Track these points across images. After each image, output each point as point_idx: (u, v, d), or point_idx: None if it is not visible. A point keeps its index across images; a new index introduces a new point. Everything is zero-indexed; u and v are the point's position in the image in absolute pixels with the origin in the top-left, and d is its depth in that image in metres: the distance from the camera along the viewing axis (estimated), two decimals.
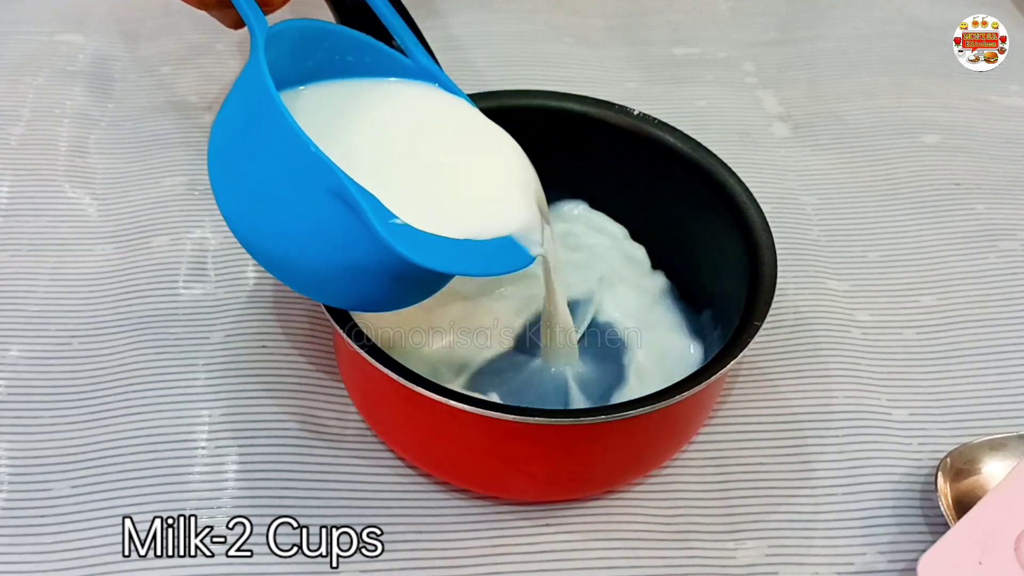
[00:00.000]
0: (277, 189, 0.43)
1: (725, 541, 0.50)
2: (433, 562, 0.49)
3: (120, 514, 0.49)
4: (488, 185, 0.48)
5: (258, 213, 0.45)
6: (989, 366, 0.58)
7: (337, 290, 0.46)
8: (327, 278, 0.45)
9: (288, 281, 0.47)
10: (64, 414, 0.53)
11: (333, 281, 0.45)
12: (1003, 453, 0.52)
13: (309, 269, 0.45)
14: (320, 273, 0.45)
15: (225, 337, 0.56)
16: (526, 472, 0.49)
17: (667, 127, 0.56)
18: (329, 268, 0.44)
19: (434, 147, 0.48)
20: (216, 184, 0.45)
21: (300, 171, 0.42)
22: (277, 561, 0.48)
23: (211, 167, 0.45)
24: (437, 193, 0.46)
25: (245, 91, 0.45)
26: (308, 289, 0.47)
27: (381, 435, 0.52)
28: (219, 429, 0.53)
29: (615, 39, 0.78)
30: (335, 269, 0.44)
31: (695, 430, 0.53)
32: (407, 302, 0.49)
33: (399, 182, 0.45)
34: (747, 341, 0.47)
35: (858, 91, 0.74)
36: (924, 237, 0.65)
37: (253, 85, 0.44)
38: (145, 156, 0.66)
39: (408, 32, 0.51)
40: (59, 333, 0.56)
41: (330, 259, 0.44)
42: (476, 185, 0.47)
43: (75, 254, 0.60)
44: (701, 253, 0.57)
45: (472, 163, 0.48)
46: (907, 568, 0.50)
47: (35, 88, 0.70)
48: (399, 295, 0.48)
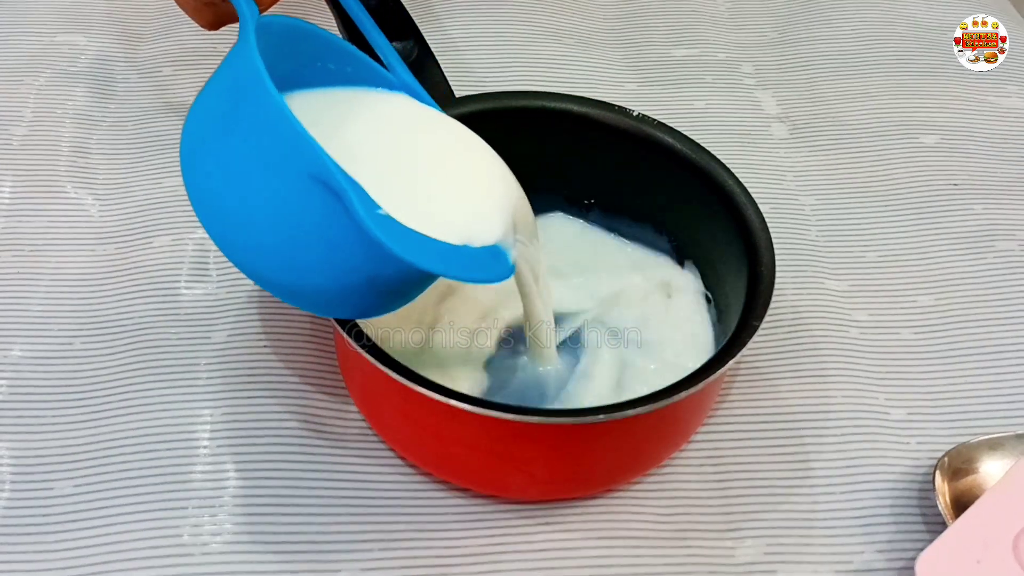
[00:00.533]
0: (254, 173, 0.42)
1: (724, 540, 0.50)
2: (433, 562, 0.49)
3: (121, 513, 0.49)
4: (467, 197, 0.47)
5: (232, 201, 0.42)
6: (987, 366, 0.58)
7: (306, 287, 0.44)
8: (299, 275, 0.43)
9: (261, 280, 0.45)
10: (66, 414, 0.53)
11: (303, 277, 0.43)
12: (1001, 452, 0.52)
13: (282, 265, 0.43)
14: (293, 269, 0.43)
15: (226, 337, 0.57)
16: (526, 472, 0.49)
17: (666, 128, 0.56)
18: (303, 264, 0.42)
19: (414, 158, 0.48)
20: (189, 173, 0.43)
21: (283, 153, 0.41)
22: (277, 561, 0.48)
23: (184, 155, 0.44)
24: (419, 198, 0.45)
25: (230, 72, 0.43)
26: (279, 287, 0.45)
27: (382, 435, 0.52)
28: (220, 429, 0.53)
29: (614, 40, 0.78)
30: (308, 264, 0.42)
31: (694, 429, 0.53)
32: (377, 308, 0.47)
33: (381, 184, 0.43)
34: (746, 341, 0.47)
35: (857, 92, 0.74)
36: (922, 237, 0.65)
37: (240, 64, 0.42)
38: (146, 157, 0.66)
39: (390, 48, 0.50)
40: (61, 333, 0.57)
41: (304, 252, 0.42)
42: (456, 195, 0.47)
43: (77, 254, 0.60)
44: (700, 253, 0.57)
45: (452, 175, 0.48)
46: (905, 567, 0.50)
47: (37, 89, 0.70)
48: (370, 299, 0.46)
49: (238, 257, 0.44)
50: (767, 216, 0.52)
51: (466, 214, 0.46)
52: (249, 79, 0.41)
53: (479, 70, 0.74)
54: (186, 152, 0.44)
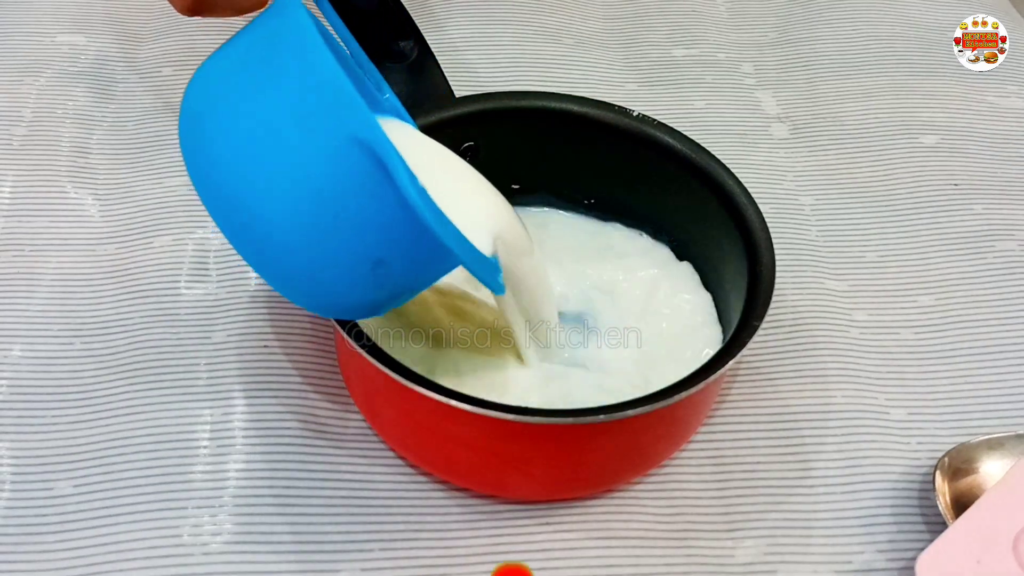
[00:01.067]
0: (286, 132, 0.39)
1: (724, 540, 0.50)
2: (433, 562, 0.49)
3: (121, 513, 0.49)
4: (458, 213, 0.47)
5: (248, 166, 0.40)
6: (987, 365, 0.58)
7: (307, 266, 0.41)
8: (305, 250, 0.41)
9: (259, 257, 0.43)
10: (66, 414, 0.53)
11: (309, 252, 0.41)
12: (1001, 452, 0.52)
13: (291, 238, 0.40)
14: (300, 243, 0.40)
15: (227, 337, 0.57)
16: (526, 472, 0.49)
17: (666, 128, 0.56)
18: (313, 236, 0.40)
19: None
20: (194, 139, 0.41)
21: (328, 112, 0.39)
22: (277, 561, 0.48)
23: (188, 120, 0.42)
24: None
25: (263, 30, 0.41)
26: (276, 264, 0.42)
27: (382, 434, 0.52)
28: (220, 428, 0.53)
29: (614, 41, 0.78)
30: (320, 236, 0.40)
31: (694, 429, 0.53)
32: (366, 306, 0.45)
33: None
34: (746, 341, 0.47)
35: (856, 92, 0.74)
36: (922, 237, 0.65)
37: (282, 20, 0.40)
38: (147, 156, 0.66)
39: (375, 71, 0.50)
40: (61, 333, 0.57)
41: (321, 222, 0.40)
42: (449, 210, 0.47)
43: (77, 254, 0.60)
44: (699, 253, 0.57)
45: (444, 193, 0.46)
46: (905, 567, 0.50)
47: (37, 89, 0.70)
48: (365, 290, 0.43)
49: (239, 232, 0.42)
50: (767, 216, 0.52)
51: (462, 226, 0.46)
52: (294, 33, 0.39)
53: (479, 70, 0.74)
54: (192, 116, 0.42)
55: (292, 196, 0.40)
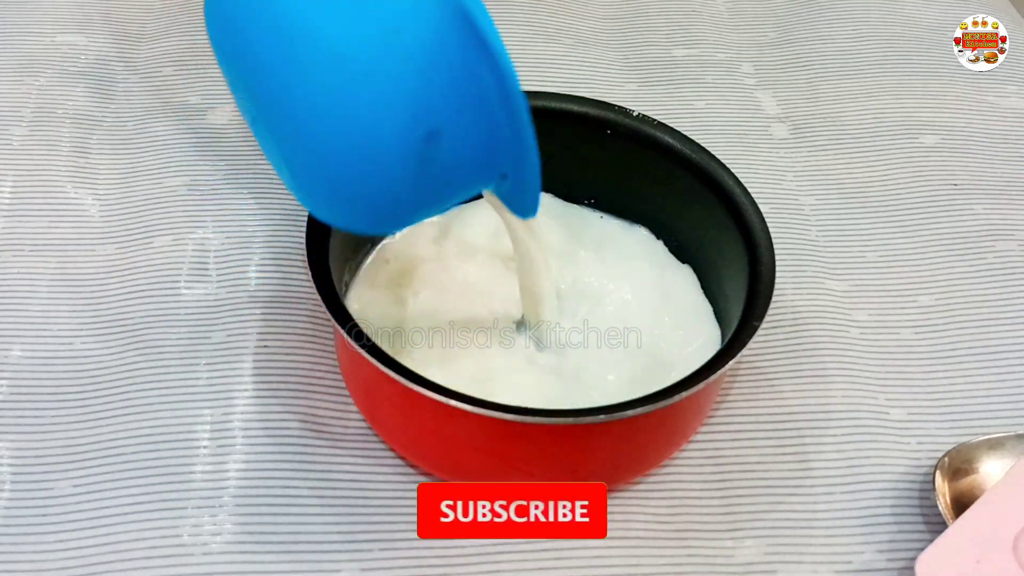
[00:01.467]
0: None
1: (724, 540, 0.51)
2: (433, 562, 0.49)
3: (121, 513, 0.49)
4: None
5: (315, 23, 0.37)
6: (987, 366, 0.58)
7: (355, 129, 0.38)
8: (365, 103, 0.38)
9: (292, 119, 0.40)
10: (66, 414, 0.53)
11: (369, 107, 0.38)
12: (1001, 452, 0.52)
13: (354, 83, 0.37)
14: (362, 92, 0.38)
15: (226, 337, 0.57)
16: (526, 472, 0.49)
17: (666, 128, 0.56)
18: (382, 84, 0.37)
19: None
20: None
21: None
22: (277, 561, 0.48)
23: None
24: None
25: None
26: (311, 136, 0.40)
27: (382, 434, 0.52)
28: (220, 429, 0.53)
29: (614, 40, 0.78)
30: (389, 87, 0.37)
31: (694, 429, 0.53)
32: (405, 204, 0.43)
33: None
34: (746, 341, 0.47)
35: (856, 92, 0.74)
36: (922, 237, 0.65)
37: None
38: (147, 156, 0.66)
39: None
40: (61, 333, 0.57)
41: (394, 68, 0.37)
42: None
43: (77, 254, 0.60)
44: (699, 253, 0.57)
45: None
46: (905, 567, 0.50)
47: (37, 89, 0.70)
48: (410, 178, 0.41)
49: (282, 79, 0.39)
50: (767, 216, 0.52)
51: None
52: None
53: None
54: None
55: (362, 23, 0.38)
